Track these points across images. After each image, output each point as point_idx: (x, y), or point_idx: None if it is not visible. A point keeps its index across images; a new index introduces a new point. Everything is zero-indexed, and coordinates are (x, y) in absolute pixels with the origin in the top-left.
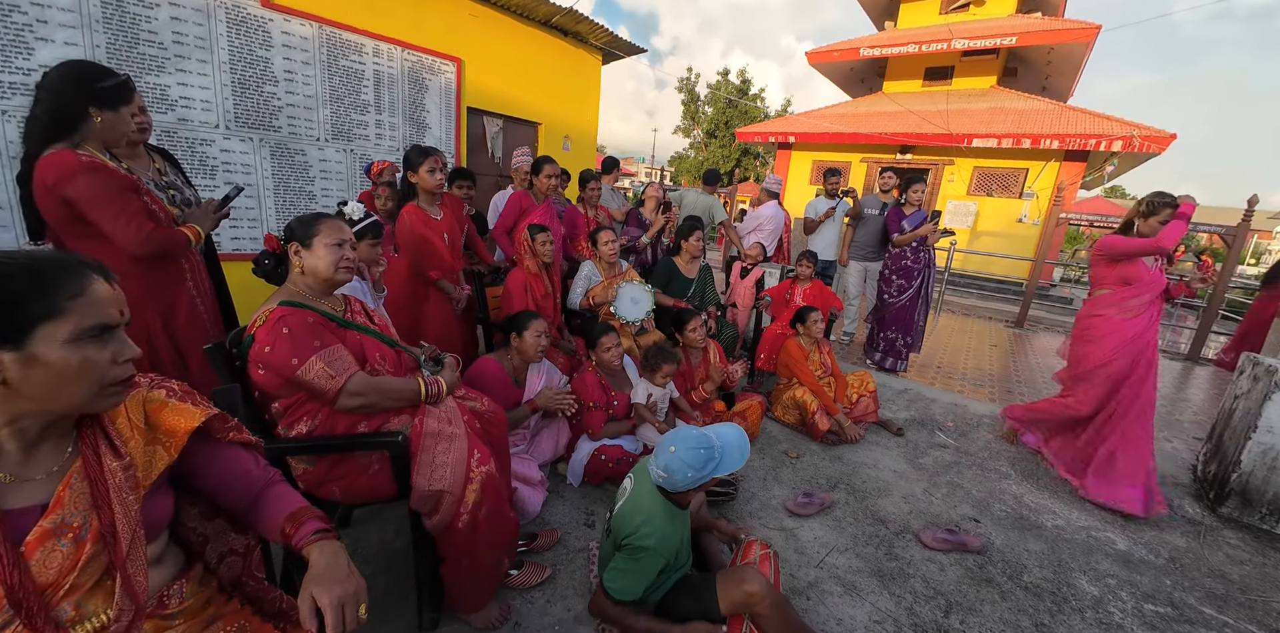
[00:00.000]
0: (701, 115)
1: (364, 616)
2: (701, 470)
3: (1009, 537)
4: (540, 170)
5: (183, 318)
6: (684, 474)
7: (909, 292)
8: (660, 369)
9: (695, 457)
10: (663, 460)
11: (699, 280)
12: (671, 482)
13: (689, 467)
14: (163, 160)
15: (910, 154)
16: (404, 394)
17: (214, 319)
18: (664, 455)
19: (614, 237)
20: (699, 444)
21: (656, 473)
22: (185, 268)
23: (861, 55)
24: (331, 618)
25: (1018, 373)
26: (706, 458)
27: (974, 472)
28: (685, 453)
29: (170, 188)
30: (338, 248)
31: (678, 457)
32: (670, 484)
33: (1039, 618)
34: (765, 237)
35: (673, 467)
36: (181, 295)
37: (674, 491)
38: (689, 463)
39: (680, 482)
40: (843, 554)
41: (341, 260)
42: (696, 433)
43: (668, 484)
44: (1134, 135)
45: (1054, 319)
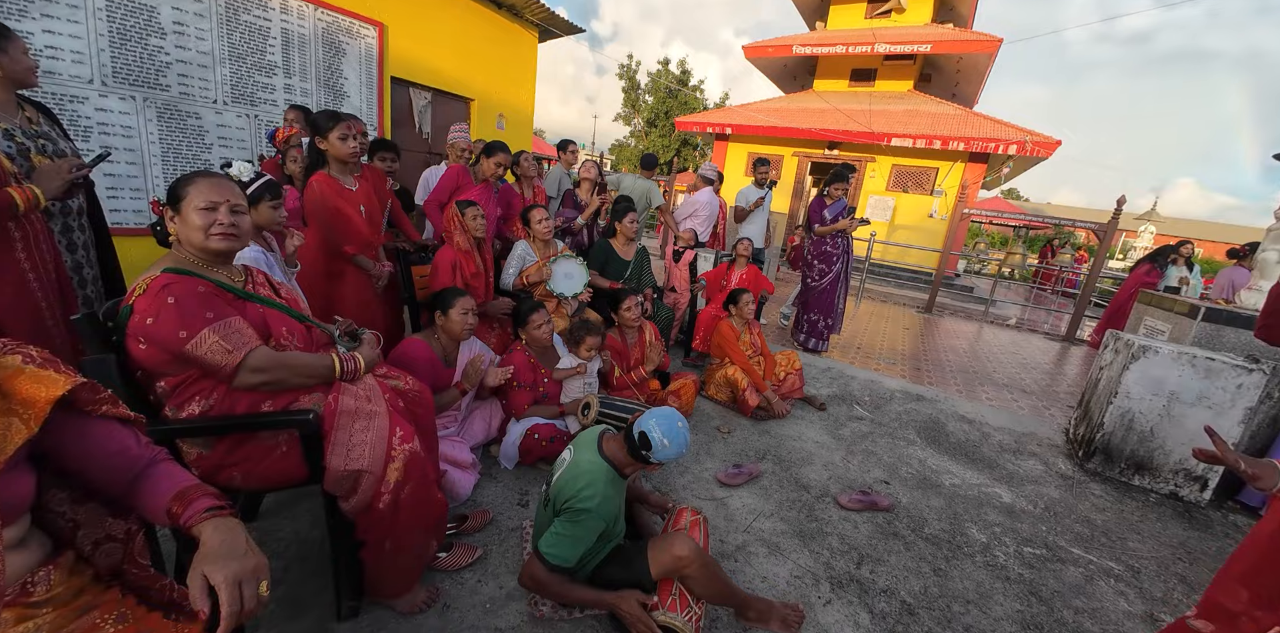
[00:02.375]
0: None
1: (265, 594)
2: (682, 450)
3: (914, 496)
4: (493, 154)
5: (6, 298)
6: (677, 450)
7: (829, 276)
8: (584, 342)
9: (686, 439)
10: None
11: (636, 263)
12: (664, 452)
13: (682, 446)
14: (35, 111)
15: (837, 150)
16: (315, 371)
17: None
18: (673, 428)
19: (547, 215)
20: (687, 429)
21: (657, 438)
22: (15, 236)
23: (794, 52)
24: (226, 596)
25: (925, 353)
26: (685, 448)
27: (886, 440)
28: (686, 432)
29: (41, 137)
30: (208, 212)
31: (682, 433)
32: (662, 454)
33: (937, 564)
34: (700, 223)
35: (678, 440)
36: (6, 269)
37: (650, 459)
38: (684, 442)
39: (669, 455)
40: (768, 519)
41: (214, 226)
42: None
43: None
44: (1027, 141)
45: (957, 305)
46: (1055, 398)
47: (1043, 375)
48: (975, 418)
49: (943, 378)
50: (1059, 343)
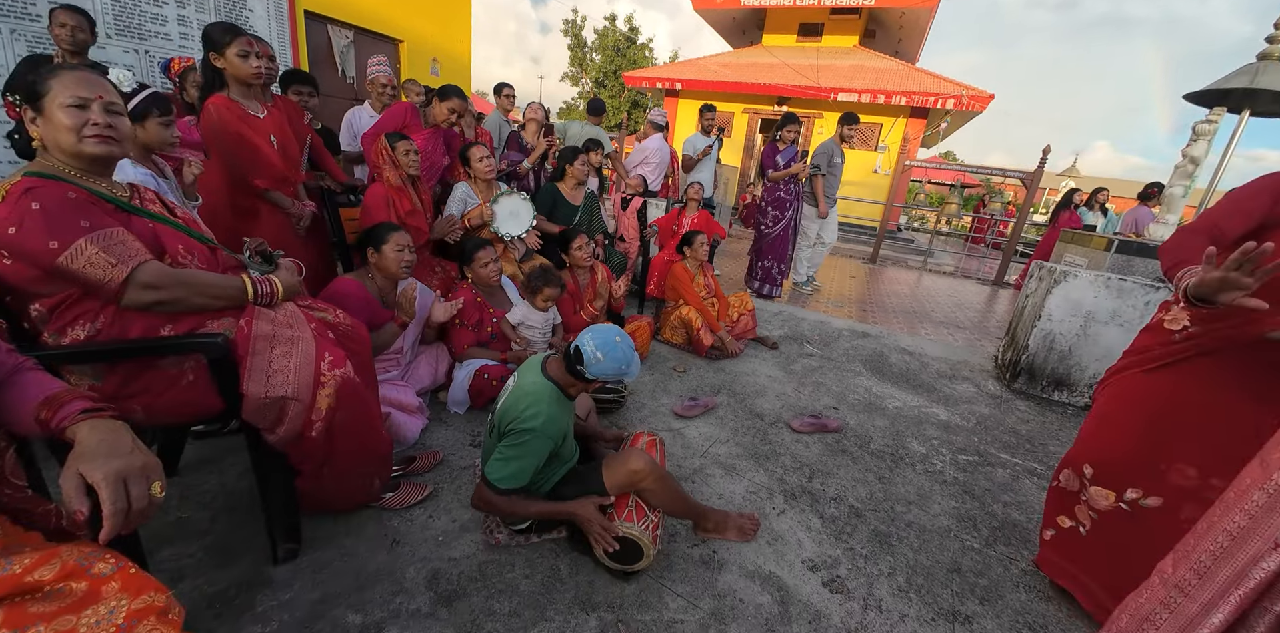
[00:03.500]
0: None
1: (159, 495)
2: (627, 368)
3: (860, 418)
4: (447, 98)
5: None
6: (615, 365)
7: (782, 222)
8: (541, 293)
9: (629, 355)
10: (607, 345)
11: (585, 207)
12: (600, 366)
13: (623, 360)
14: None
15: (786, 106)
16: (222, 291)
17: None
18: (609, 341)
19: (488, 153)
20: (629, 346)
21: (590, 353)
22: None
23: (742, 4)
24: (108, 493)
25: (871, 297)
26: (633, 360)
27: (834, 373)
28: (626, 347)
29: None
30: (79, 110)
31: (620, 347)
32: (598, 368)
33: (881, 473)
34: (651, 170)
35: (613, 354)
36: None
37: (590, 376)
38: (624, 357)
39: (607, 369)
40: (724, 444)
41: (87, 126)
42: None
43: (594, 368)
44: (963, 95)
45: (900, 256)
46: (986, 332)
47: (975, 313)
48: (915, 350)
49: (886, 318)
50: (990, 287)
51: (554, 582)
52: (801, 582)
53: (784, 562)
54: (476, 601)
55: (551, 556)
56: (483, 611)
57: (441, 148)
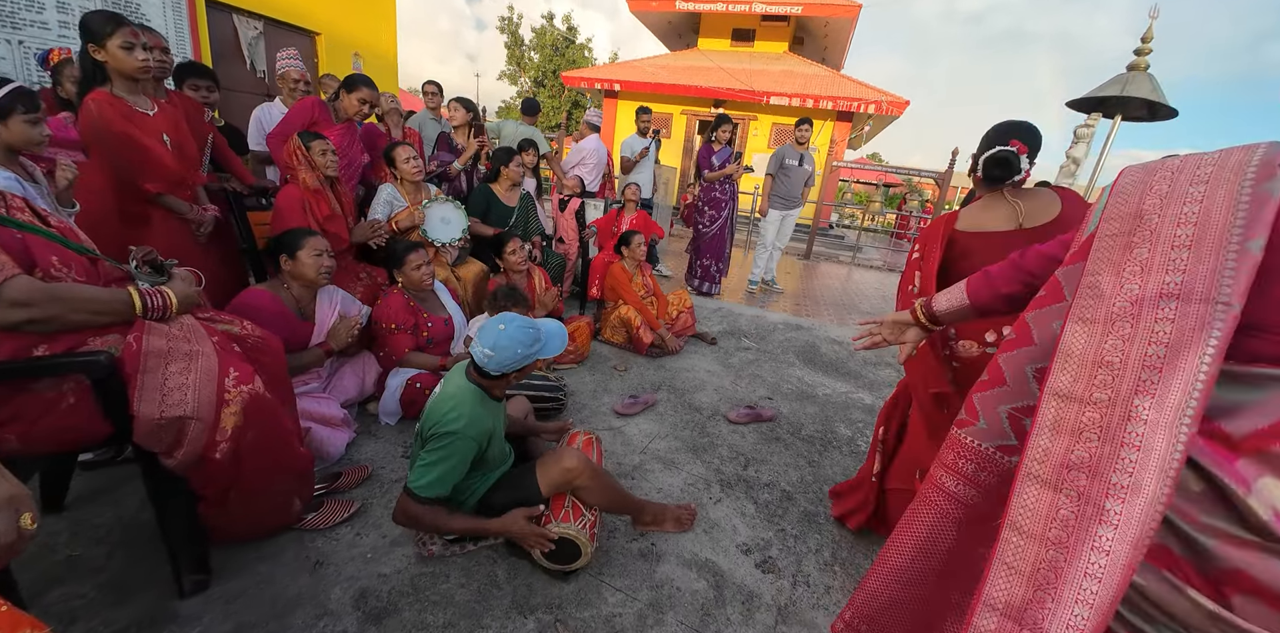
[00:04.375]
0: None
1: (30, 527)
2: (530, 348)
3: (793, 406)
4: (355, 88)
5: None
6: (512, 352)
7: (719, 221)
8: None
9: (525, 334)
10: (490, 339)
11: (520, 209)
12: (498, 360)
13: (518, 343)
14: None
15: (722, 108)
16: (105, 306)
17: None
18: (492, 334)
19: (414, 153)
20: (527, 324)
21: (483, 352)
22: None
23: (678, 8)
24: None
25: (804, 292)
26: (534, 338)
27: (770, 364)
28: (515, 331)
29: None
30: None
31: (507, 334)
32: (496, 364)
33: (811, 457)
34: (589, 171)
35: (501, 344)
36: None
37: (497, 371)
38: (518, 339)
39: (506, 360)
40: (663, 439)
41: None
42: (525, 318)
43: (493, 364)
44: (883, 100)
45: (831, 252)
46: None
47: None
48: (844, 340)
49: (818, 311)
50: None
51: (491, 589)
52: (735, 565)
53: (719, 548)
54: (408, 615)
55: (488, 562)
56: (415, 625)
57: (359, 144)
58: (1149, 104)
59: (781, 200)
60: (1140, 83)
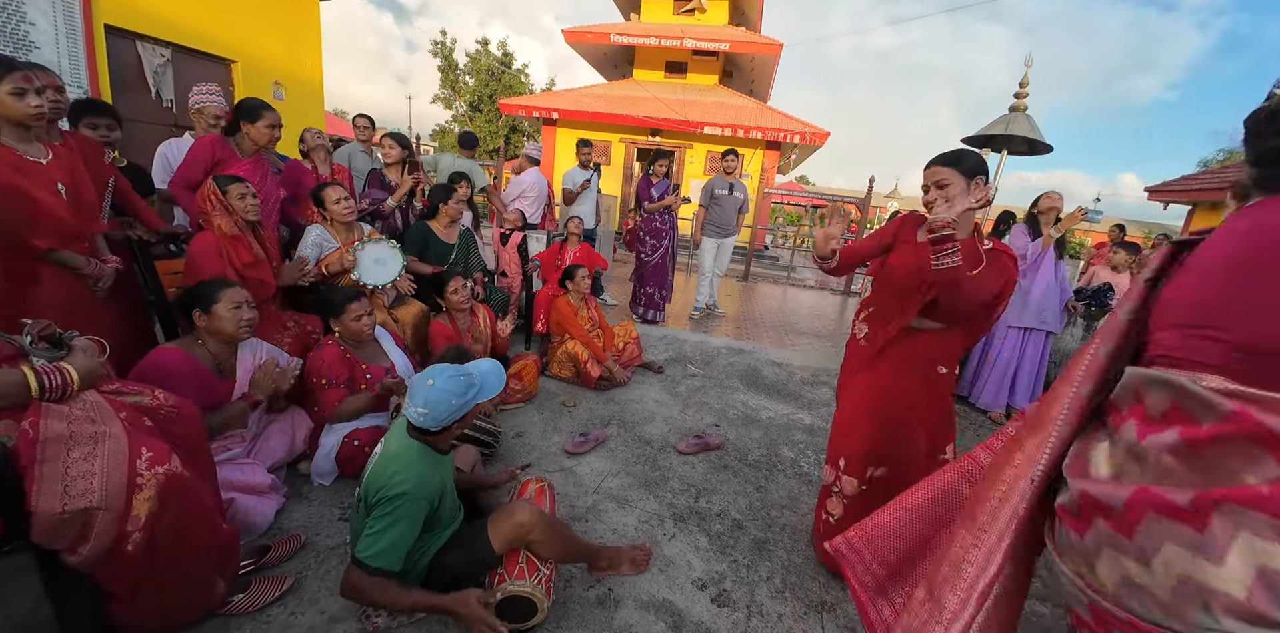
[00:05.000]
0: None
1: None
2: (465, 396)
3: (739, 431)
4: (258, 117)
5: None
6: (447, 403)
7: (660, 250)
8: None
9: (456, 383)
10: (421, 396)
11: (460, 245)
12: (435, 416)
13: (451, 394)
14: None
15: (659, 137)
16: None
17: None
18: (422, 390)
19: (345, 193)
20: (458, 373)
21: (416, 412)
22: None
23: (612, 41)
24: None
25: (745, 315)
26: (467, 385)
27: (715, 390)
28: (446, 382)
29: None
30: None
31: (438, 387)
32: (433, 420)
33: (758, 483)
34: (529, 203)
35: (433, 399)
36: None
37: (436, 427)
38: (450, 390)
39: (444, 413)
40: (616, 477)
41: None
42: (453, 366)
43: (430, 421)
44: (806, 131)
45: (768, 273)
46: (840, 338)
47: (831, 322)
48: (783, 361)
49: (758, 333)
50: (842, 296)
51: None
52: (692, 602)
53: (675, 585)
54: None
55: (440, 627)
56: None
57: (272, 177)
58: (1029, 141)
59: (716, 228)
60: (1020, 122)
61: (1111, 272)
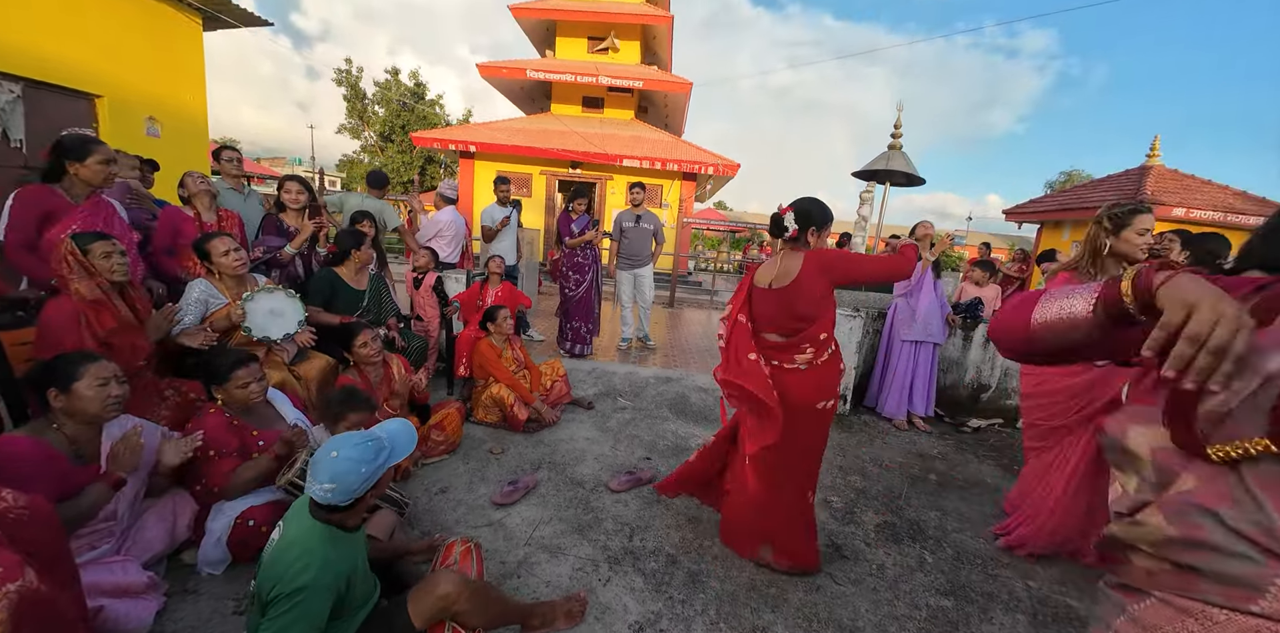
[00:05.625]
0: (372, 115)
1: None
2: (376, 462)
3: (670, 462)
4: (87, 153)
5: None
6: (356, 473)
7: (584, 285)
8: (345, 419)
9: (364, 451)
10: (327, 472)
11: (372, 292)
12: (344, 488)
13: (360, 463)
14: None
15: (580, 169)
16: None
17: None
18: (327, 466)
19: (234, 244)
20: (364, 439)
21: (322, 489)
22: None
23: (529, 76)
24: None
25: (672, 342)
26: (376, 449)
27: (646, 422)
28: (350, 451)
29: None
30: None
31: (345, 457)
32: (343, 493)
33: (690, 513)
34: (446, 243)
35: (340, 471)
36: None
37: (348, 500)
38: (359, 459)
39: (354, 484)
40: (548, 525)
41: None
42: (355, 433)
43: (339, 495)
44: (719, 163)
45: (692, 298)
46: None
47: None
48: (709, 387)
49: (685, 360)
50: None
51: None
52: None
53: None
54: None
55: None
56: None
57: (120, 220)
58: (906, 174)
59: (627, 260)
60: (898, 159)
61: (976, 286)
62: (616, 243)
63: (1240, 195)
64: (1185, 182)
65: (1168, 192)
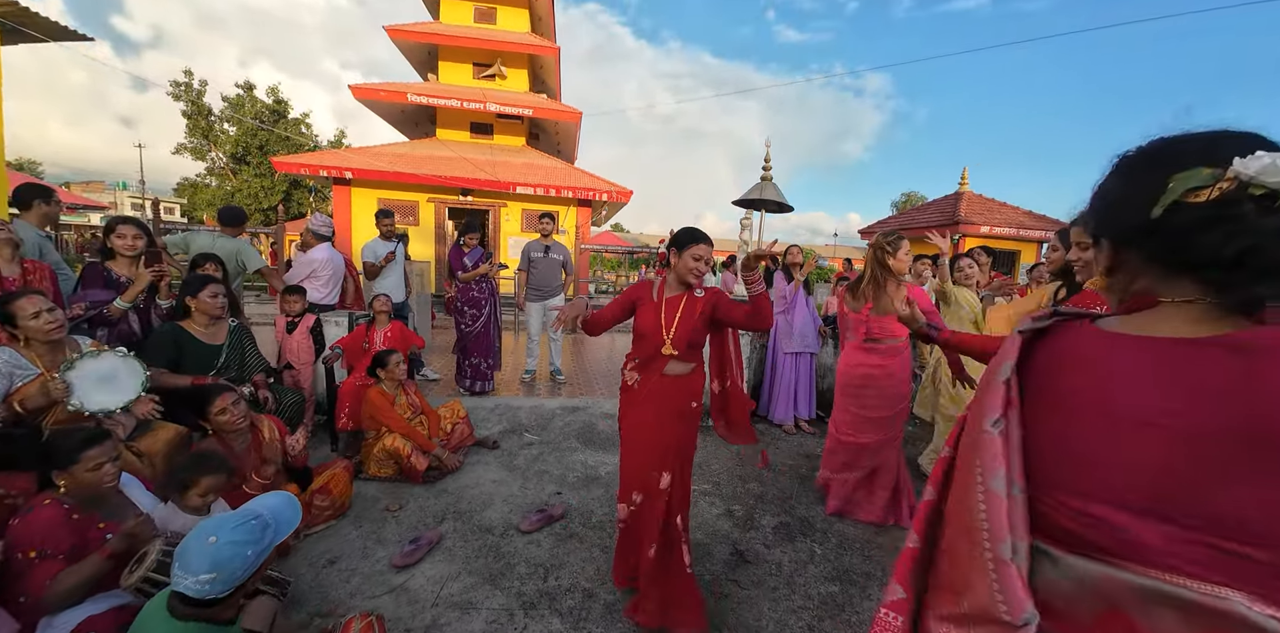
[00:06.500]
0: (220, 135)
1: None
2: (263, 542)
3: (581, 494)
4: None
5: None
6: (242, 557)
7: (481, 319)
8: (197, 485)
9: (248, 532)
10: (205, 561)
11: (231, 345)
12: (227, 578)
13: (246, 544)
14: None
15: (471, 196)
16: None
17: None
18: (204, 554)
19: (46, 303)
20: (243, 518)
21: (197, 582)
22: None
23: (410, 100)
24: None
25: (577, 370)
26: (261, 527)
27: (554, 456)
28: (234, 533)
29: None
30: None
31: (227, 542)
32: (224, 583)
33: (604, 544)
34: (322, 284)
35: (223, 557)
36: None
37: (230, 587)
38: (245, 540)
39: (239, 570)
40: (456, 580)
41: None
42: (231, 513)
43: (219, 586)
44: (613, 190)
45: None
46: None
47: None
48: (615, 412)
49: (591, 387)
50: None
51: None
52: None
53: None
54: None
55: None
56: None
57: None
58: (778, 203)
59: (536, 291)
60: (770, 189)
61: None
62: (525, 273)
63: (1028, 214)
64: (988, 204)
65: (976, 213)
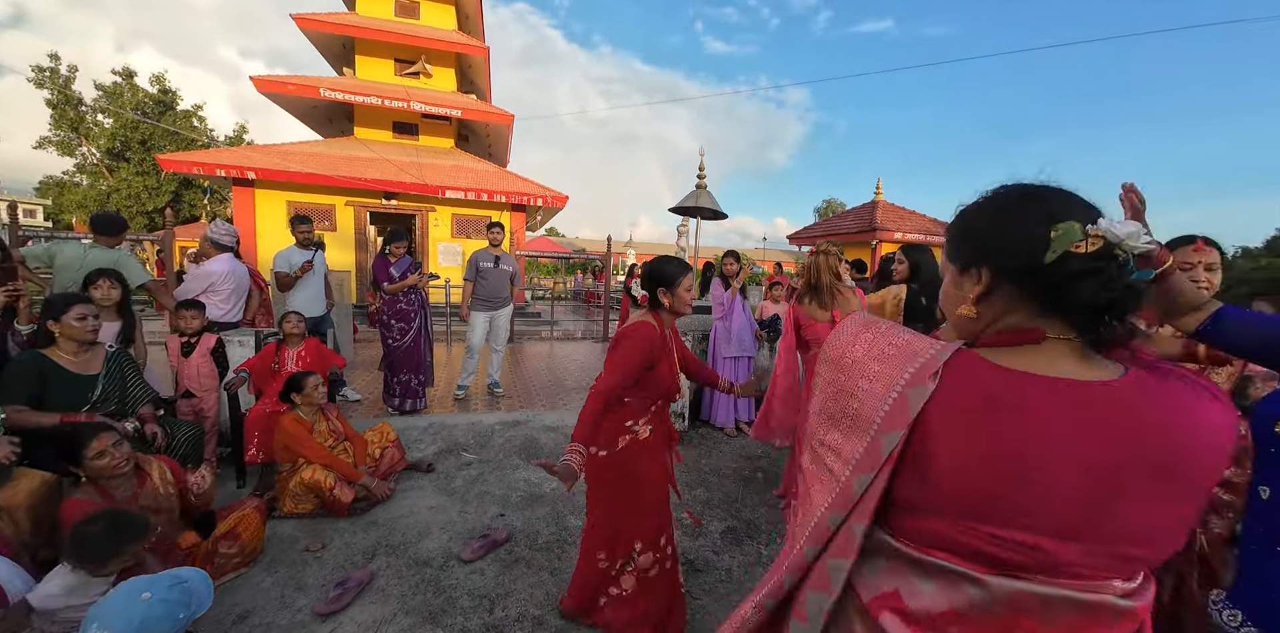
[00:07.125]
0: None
1: None
2: (191, 606)
3: (525, 515)
4: None
5: None
6: (174, 619)
7: (410, 333)
8: (121, 555)
9: (182, 592)
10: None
11: (110, 374)
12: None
13: (178, 605)
14: None
15: (395, 200)
16: None
17: None
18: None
19: None
20: (174, 581)
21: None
22: None
23: (323, 95)
24: None
25: (515, 382)
26: (187, 593)
27: (495, 475)
28: (169, 593)
29: None
30: None
31: (159, 600)
32: None
33: (551, 565)
34: (223, 299)
35: (154, 615)
36: None
37: None
38: (178, 601)
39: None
40: (391, 623)
41: None
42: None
43: None
44: (548, 195)
45: (533, 331)
46: None
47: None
48: (558, 424)
49: (530, 399)
50: (603, 343)
51: None
52: None
53: None
54: None
55: None
56: None
57: None
58: (713, 210)
59: (484, 302)
60: (705, 197)
61: (774, 304)
62: (472, 284)
63: (935, 221)
64: (901, 212)
65: (891, 220)
